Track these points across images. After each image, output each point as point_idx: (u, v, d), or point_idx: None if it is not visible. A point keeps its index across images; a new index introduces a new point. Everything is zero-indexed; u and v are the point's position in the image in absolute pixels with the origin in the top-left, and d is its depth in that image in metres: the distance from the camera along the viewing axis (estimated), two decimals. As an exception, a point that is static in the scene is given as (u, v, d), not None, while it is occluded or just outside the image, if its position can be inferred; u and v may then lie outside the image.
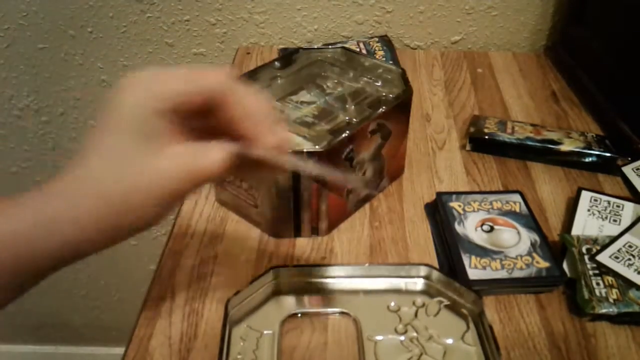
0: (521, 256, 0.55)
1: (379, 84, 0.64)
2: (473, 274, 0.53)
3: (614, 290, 0.51)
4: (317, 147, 0.54)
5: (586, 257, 0.54)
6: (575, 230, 0.59)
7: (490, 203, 0.61)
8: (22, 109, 1.07)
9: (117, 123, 0.33)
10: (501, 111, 0.80)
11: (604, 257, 0.54)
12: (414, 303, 0.52)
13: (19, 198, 0.32)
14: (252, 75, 0.64)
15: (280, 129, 0.36)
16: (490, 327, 0.48)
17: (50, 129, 1.09)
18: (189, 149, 0.34)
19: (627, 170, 0.67)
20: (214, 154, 0.34)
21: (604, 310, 0.50)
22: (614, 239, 0.56)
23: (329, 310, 0.52)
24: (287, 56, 0.68)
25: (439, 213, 0.61)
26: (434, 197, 0.63)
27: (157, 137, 0.33)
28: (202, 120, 0.35)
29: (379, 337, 0.49)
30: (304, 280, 0.54)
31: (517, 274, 0.53)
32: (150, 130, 0.33)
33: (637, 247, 0.55)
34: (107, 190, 0.32)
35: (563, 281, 0.54)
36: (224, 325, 0.48)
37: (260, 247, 0.59)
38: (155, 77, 0.34)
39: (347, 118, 0.59)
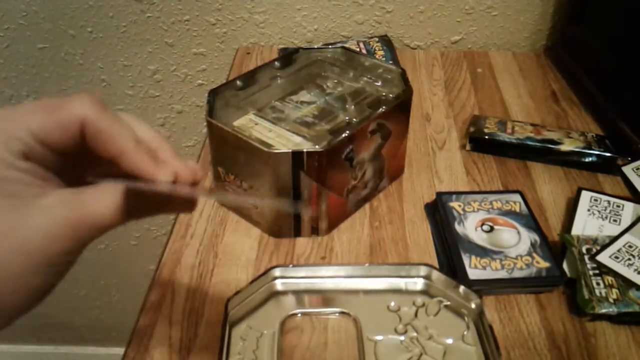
0: (521, 256, 0.55)
1: (379, 84, 0.64)
2: (473, 274, 0.53)
3: (614, 290, 0.51)
4: (317, 147, 0.54)
5: (586, 257, 0.54)
6: (575, 230, 0.59)
7: (490, 203, 0.61)
8: (22, 108, 1.06)
9: None
10: (501, 111, 0.80)
11: (604, 257, 0.54)
12: (414, 303, 0.52)
13: None
14: (252, 75, 0.64)
15: (173, 158, 0.30)
16: (490, 327, 0.48)
17: (50, 129, 1.09)
18: (68, 196, 0.27)
19: (627, 170, 0.67)
20: (103, 197, 0.27)
21: (604, 310, 0.50)
22: (614, 239, 0.56)
23: (329, 310, 0.52)
24: (287, 56, 0.68)
25: (439, 213, 0.61)
26: (434, 197, 0.63)
27: (23, 189, 0.26)
28: (82, 161, 0.30)
29: (379, 337, 0.49)
30: (304, 280, 0.54)
31: (517, 274, 0.53)
32: (10, 182, 0.26)
33: (637, 247, 0.55)
34: None
35: (563, 281, 0.54)
36: (224, 325, 0.48)
37: (260, 247, 0.59)
38: (8, 117, 0.27)
39: (347, 118, 0.59)
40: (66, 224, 0.26)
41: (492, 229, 0.58)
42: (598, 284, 0.52)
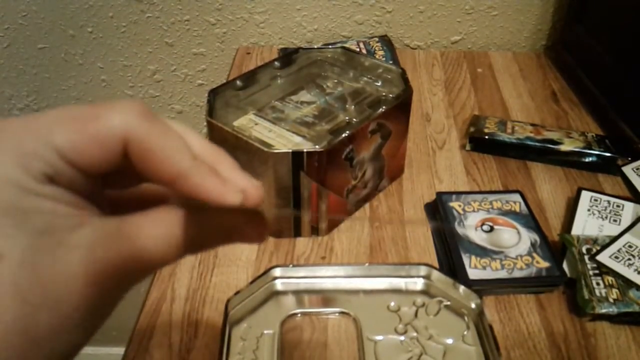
0: (521, 256, 0.55)
1: (379, 83, 0.64)
2: (473, 274, 0.53)
3: (614, 290, 0.51)
4: (317, 147, 0.54)
5: (586, 257, 0.54)
6: (575, 230, 0.59)
7: (490, 203, 0.61)
8: (22, 108, 1.07)
9: None
10: (501, 111, 0.80)
11: (604, 257, 0.54)
12: (414, 303, 0.52)
13: None
14: (252, 75, 0.64)
15: (236, 173, 0.24)
16: (490, 327, 0.48)
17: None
18: (108, 228, 0.21)
19: (627, 170, 0.67)
20: (154, 229, 0.21)
21: (604, 310, 0.50)
22: (614, 239, 0.56)
23: (329, 310, 0.52)
24: (287, 56, 0.68)
25: (439, 213, 0.61)
26: (434, 197, 0.63)
27: (51, 222, 0.20)
28: (124, 184, 0.24)
29: (379, 337, 0.49)
30: (304, 280, 0.54)
31: (517, 274, 0.53)
32: (34, 214, 0.20)
33: (637, 247, 0.55)
34: None
35: (563, 281, 0.54)
36: (224, 325, 0.48)
37: (260, 247, 0.59)
38: (26, 130, 0.20)
39: (347, 118, 0.59)
40: (107, 267, 0.20)
41: (492, 229, 0.58)
42: (598, 284, 0.52)
